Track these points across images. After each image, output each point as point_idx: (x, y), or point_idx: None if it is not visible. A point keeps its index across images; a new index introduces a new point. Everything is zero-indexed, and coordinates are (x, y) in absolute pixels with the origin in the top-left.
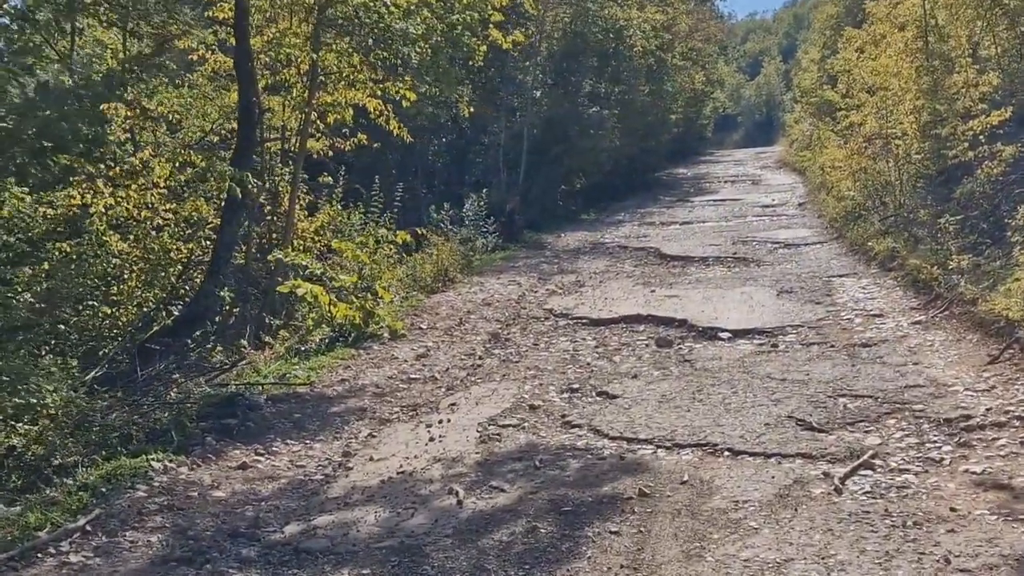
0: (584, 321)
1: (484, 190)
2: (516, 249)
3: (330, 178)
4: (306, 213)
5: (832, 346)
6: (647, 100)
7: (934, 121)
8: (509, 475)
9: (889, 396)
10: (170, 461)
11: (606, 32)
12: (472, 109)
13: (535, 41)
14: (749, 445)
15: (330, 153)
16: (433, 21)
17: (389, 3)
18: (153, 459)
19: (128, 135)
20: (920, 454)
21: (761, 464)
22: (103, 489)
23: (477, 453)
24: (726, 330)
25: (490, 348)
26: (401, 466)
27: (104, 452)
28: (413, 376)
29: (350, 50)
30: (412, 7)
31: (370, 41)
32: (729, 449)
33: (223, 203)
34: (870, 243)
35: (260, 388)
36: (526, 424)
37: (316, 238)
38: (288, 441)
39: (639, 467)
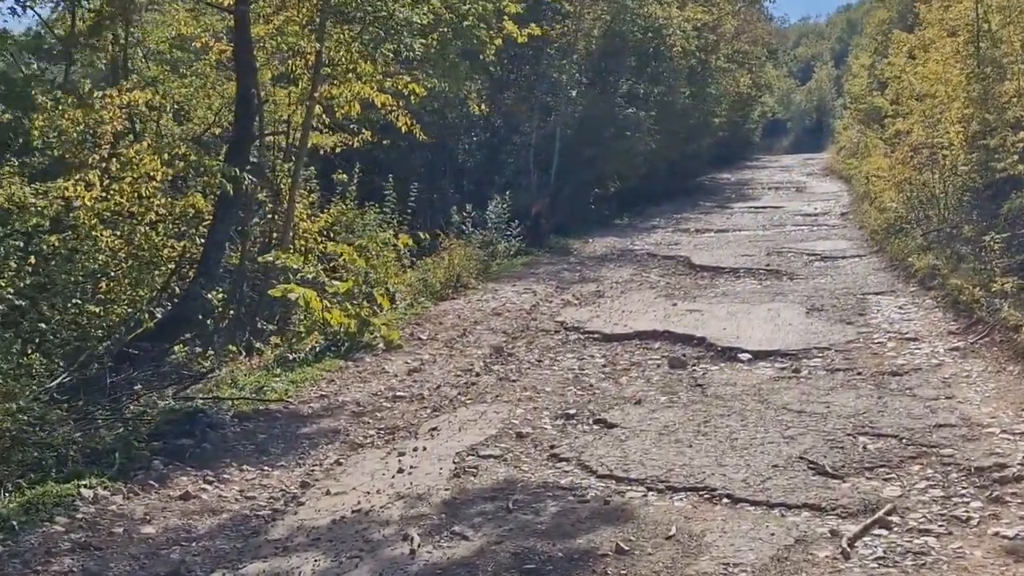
0: (596, 336)
1: (508, 192)
2: (540, 254)
3: (344, 176)
4: (309, 212)
5: (859, 373)
6: (688, 102)
7: (983, 131)
8: (476, 519)
9: (915, 437)
10: (104, 488)
11: (645, 31)
12: (484, 106)
13: (573, 39)
14: (751, 491)
15: (337, 149)
16: (442, 11)
17: None
18: (84, 485)
19: (128, 124)
20: (945, 511)
21: (762, 516)
22: (15, 522)
23: (447, 490)
24: (746, 351)
25: (490, 364)
26: (359, 502)
27: (33, 475)
28: (400, 393)
29: (351, 40)
30: None
31: (375, 31)
32: (728, 495)
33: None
34: (910, 259)
35: (230, 403)
36: (509, 456)
37: (319, 239)
38: (244, 467)
39: (623, 515)
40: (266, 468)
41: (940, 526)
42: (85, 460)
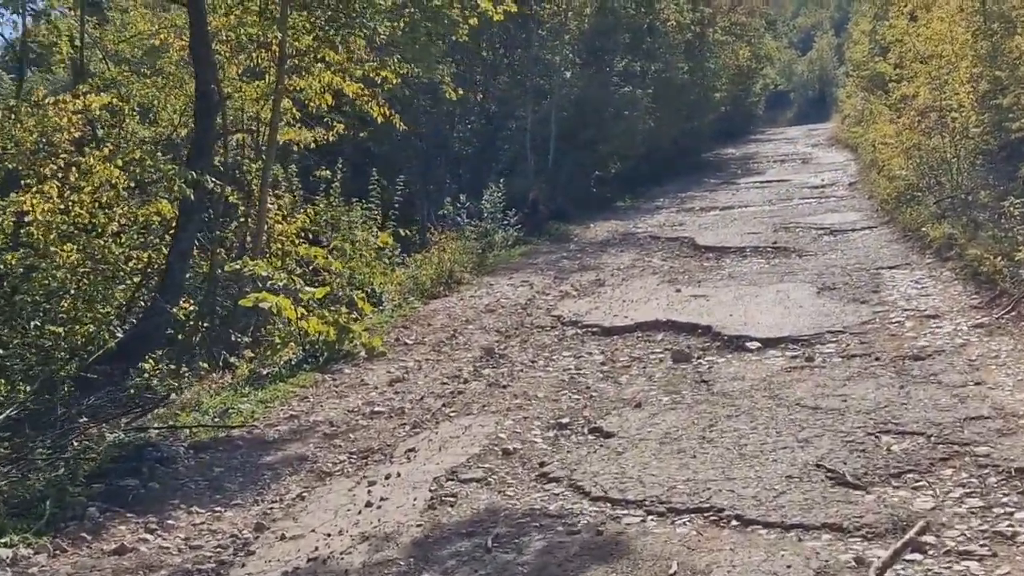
0: (594, 330)
1: (502, 180)
2: (539, 243)
3: (328, 172)
4: (284, 213)
5: (877, 359)
6: (687, 78)
7: (994, 90)
8: (450, 563)
9: (945, 433)
10: (27, 545)
11: (638, 6)
12: (460, 91)
13: (564, 19)
14: (764, 510)
15: (314, 144)
16: None
17: None
18: (3, 544)
19: (89, 130)
20: (986, 525)
21: (775, 542)
22: None
23: (419, 526)
24: (755, 339)
25: (479, 367)
26: (316, 548)
27: None
28: (378, 408)
29: (314, 27)
30: None
31: (337, 15)
32: (738, 516)
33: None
34: (924, 228)
35: (188, 432)
36: (493, 478)
37: (297, 241)
38: (194, 508)
39: (618, 548)
40: (218, 508)
41: (982, 545)
42: (11, 512)
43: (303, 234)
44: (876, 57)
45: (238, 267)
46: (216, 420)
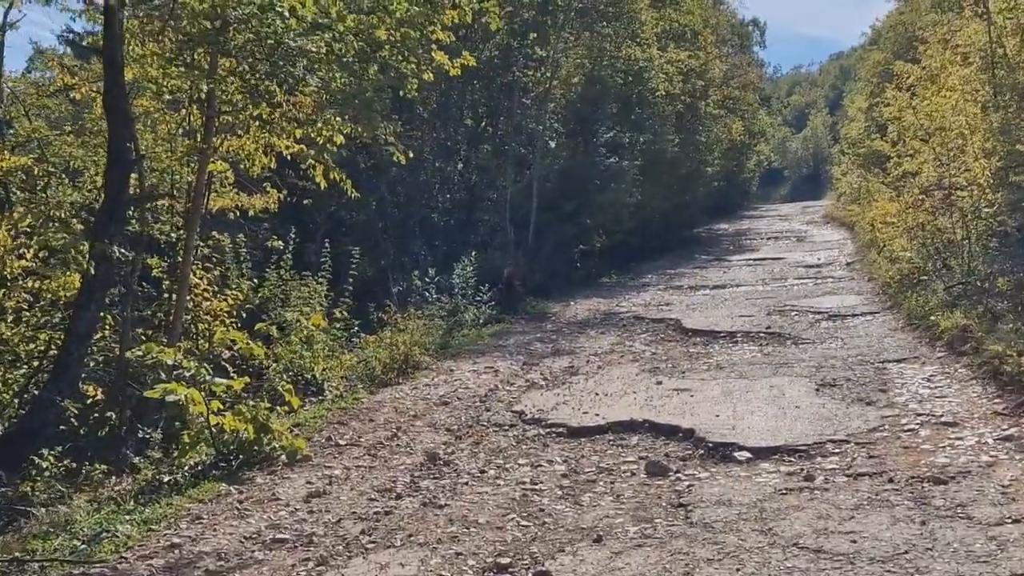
0: (560, 430)
1: (475, 253)
2: (512, 322)
3: (280, 242)
4: (214, 289)
5: (891, 481)
6: (677, 151)
7: (1007, 167)
8: None
9: None
10: None
11: (626, 75)
12: (411, 154)
13: (548, 86)
14: None
15: (254, 211)
16: (349, 37)
17: (287, 14)
18: None
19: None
20: None
21: None
22: None
23: None
24: (744, 448)
25: (418, 479)
26: None
27: None
28: (282, 535)
29: (237, 75)
30: (320, 20)
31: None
32: None
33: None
34: (933, 317)
35: (38, 567)
36: None
37: (227, 321)
38: None
39: None
40: None
41: None
42: None
43: (235, 312)
44: (873, 134)
45: (140, 353)
46: (83, 547)
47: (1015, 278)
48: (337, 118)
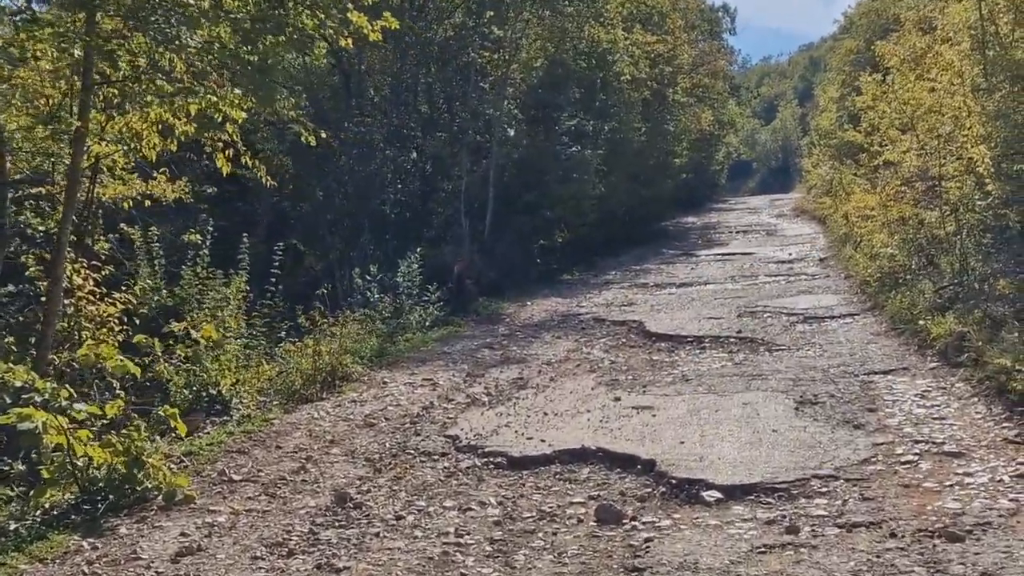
0: (498, 461)
1: (419, 248)
2: (462, 324)
3: (197, 236)
4: (101, 291)
5: (893, 535)
6: (644, 141)
7: (1004, 155)
8: None
9: None
10: None
11: (589, 58)
12: (323, 134)
13: (507, 70)
14: None
15: (130, 203)
16: None
17: None
18: None
19: None
20: None
21: None
22: None
23: None
24: (714, 485)
25: (320, 528)
26: None
27: None
28: None
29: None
30: None
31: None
32: None
33: None
34: (921, 321)
35: None
36: None
37: (116, 328)
38: None
39: None
40: None
41: None
42: None
43: (125, 318)
44: (845, 125)
45: None
46: None
47: (1018, 279)
48: (224, 89)
